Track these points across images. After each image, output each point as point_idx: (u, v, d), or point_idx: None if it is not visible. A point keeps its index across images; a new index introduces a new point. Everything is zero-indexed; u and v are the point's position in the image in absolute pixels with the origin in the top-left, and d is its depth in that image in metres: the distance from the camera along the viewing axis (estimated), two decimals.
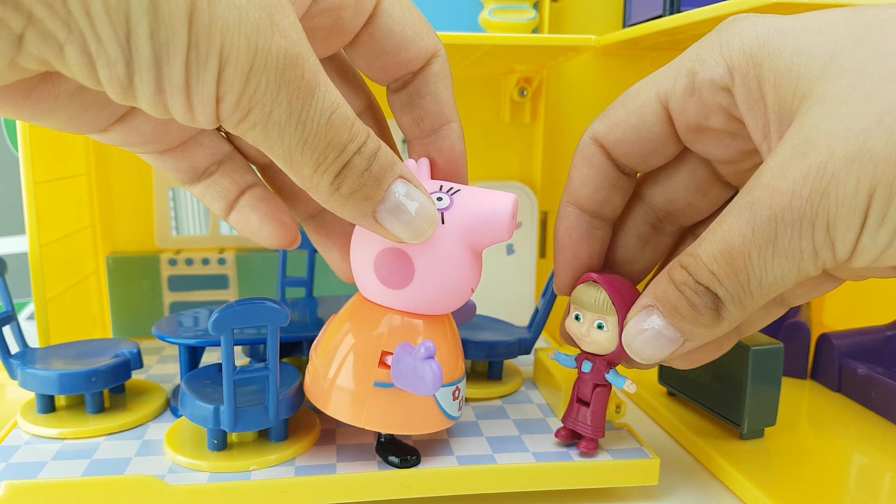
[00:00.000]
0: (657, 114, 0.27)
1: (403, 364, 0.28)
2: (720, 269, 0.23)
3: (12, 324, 0.36)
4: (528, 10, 0.49)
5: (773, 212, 0.21)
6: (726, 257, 0.22)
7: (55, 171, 0.42)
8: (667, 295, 0.25)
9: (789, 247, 0.21)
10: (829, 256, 0.21)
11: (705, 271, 0.23)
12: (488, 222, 0.27)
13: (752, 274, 0.22)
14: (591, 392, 0.31)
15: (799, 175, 0.21)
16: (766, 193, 0.21)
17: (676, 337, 0.25)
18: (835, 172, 0.20)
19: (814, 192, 0.20)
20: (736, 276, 0.23)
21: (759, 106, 0.24)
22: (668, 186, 0.30)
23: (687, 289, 0.24)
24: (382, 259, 0.28)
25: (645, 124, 0.27)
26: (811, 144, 0.21)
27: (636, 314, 0.26)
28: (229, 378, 0.29)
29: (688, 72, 0.25)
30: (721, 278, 0.23)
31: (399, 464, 0.30)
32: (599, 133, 0.28)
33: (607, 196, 0.29)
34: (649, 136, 0.27)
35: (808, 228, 0.21)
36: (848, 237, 0.21)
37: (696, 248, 0.24)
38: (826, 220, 0.21)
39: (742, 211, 0.22)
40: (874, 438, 0.37)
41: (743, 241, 0.22)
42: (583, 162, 0.29)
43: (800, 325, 0.45)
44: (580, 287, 0.30)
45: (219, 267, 0.51)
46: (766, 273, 0.22)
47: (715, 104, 0.25)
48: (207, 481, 0.29)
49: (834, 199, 0.20)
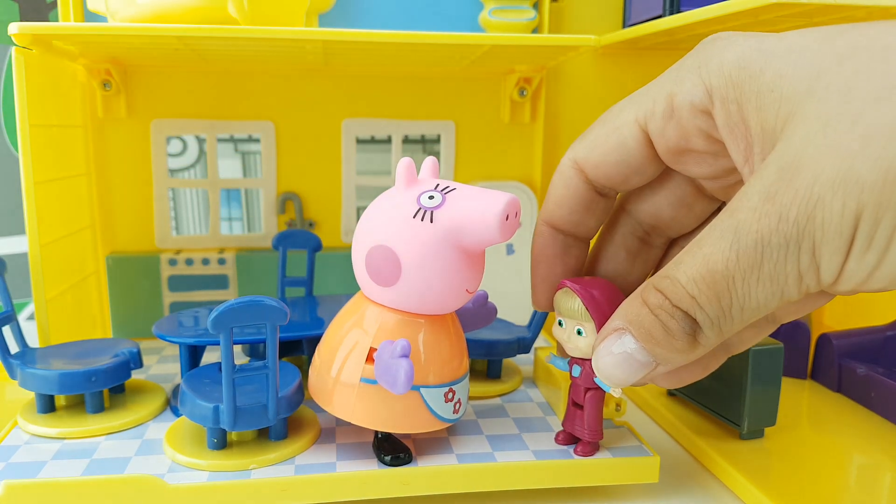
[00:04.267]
0: (636, 137, 0.26)
1: (380, 361, 0.28)
2: (701, 293, 0.22)
3: (12, 324, 0.36)
4: (528, 10, 0.49)
5: (759, 235, 0.21)
6: (708, 281, 0.22)
7: (55, 171, 0.42)
8: (640, 318, 0.24)
9: (774, 271, 0.21)
10: (813, 281, 0.21)
11: (685, 295, 0.22)
12: (476, 222, 0.27)
13: (735, 299, 0.22)
14: (584, 395, 0.31)
15: (787, 198, 0.20)
16: (753, 217, 0.21)
17: (649, 361, 0.24)
18: (821, 195, 0.20)
19: (800, 215, 0.20)
20: (718, 301, 0.22)
21: (739, 128, 0.23)
22: (652, 203, 0.29)
23: (662, 313, 0.23)
24: (372, 255, 0.28)
25: (624, 147, 0.27)
26: (797, 167, 0.20)
27: (606, 337, 0.25)
28: (229, 377, 0.29)
29: (667, 94, 0.25)
30: (702, 303, 0.22)
31: (389, 462, 0.30)
32: (579, 156, 0.28)
33: (581, 218, 0.29)
34: (628, 158, 0.27)
35: (794, 252, 0.21)
36: (834, 261, 0.20)
37: (674, 270, 0.23)
38: (812, 243, 0.20)
39: (725, 234, 0.21)
40: (874, 438, 0.37)
41: (727, 265, 0.21)
42: (560, 183, 0.29)
43: (800, 325, 0.45)
44: (558, 294, 0.30)
45: (219, 267, 0.51)
46: (749, 298, 0.22)
47: (694, 127, 0.25)
48: (207, 480, 0.29)
49: (820, 223, 0.20)
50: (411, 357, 0.28)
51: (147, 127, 0.50)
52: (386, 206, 0.29)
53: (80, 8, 0.45)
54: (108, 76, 0.48)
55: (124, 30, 0.37)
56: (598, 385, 0.31)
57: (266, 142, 0.52)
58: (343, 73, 0.51)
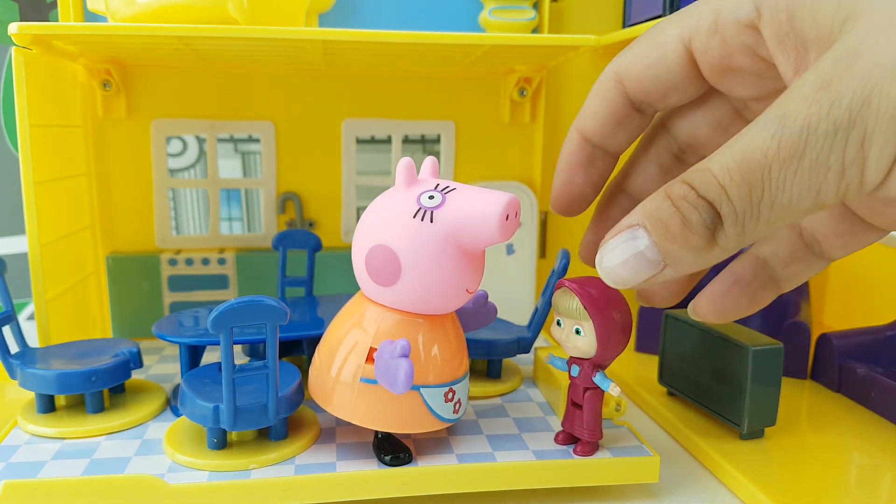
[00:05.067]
0: (678, 53, 0.26)
1: (380, 361, 0.28)
2: (732, 182, 0.20)
3: (12, 324, 0.36)
4: (528, 10, 0.49)
5: (807, 122, 0.19)
6: (742, 170, 0.20)
7: (55, 171, 0.42)
8: (659, 211, 0.22)
9: (816, 162, 0.20)
10: (855, 178, 0.20)
11: (714, 185, 0.21)
12: (476, 222, 0.27)
13: (767, 191, 0.20)
14: (583, 395, 0.31)
15: (842, 85, 0.19)
16: (804, 105, 0.20)
17: (657, 260, 0.23)
18: (880, 80, 0.19)
19: (854, 101, 0.19)
20: (749, 192, 0.20)
21: (789, 39, 0.22)
22: (690, 120, 0.29)
23: (685, 204, 0.21)
24: (372, 255, 0.28)
25: (665, 62, 0.26)
26: (856, 55, 0.19)
27: (618, 233, 0.23)
28: (229, 377, 0.29)
29: (712, 10, 0.24)
30: (731, 193, 0.21)
31: (389, 462, 0.30)
32: (621, 67, 0.27)
33: (613, 131, 0.28)
34: (668, 74, 0.26)
35: (842, 141, 0.19)
36: (884, 154, 0.19)
37: (706, 162, 0.21)
38: (863, 132, 0.19)
39: (769, 124, 0.20)
40: (874, 438, 0.37)
41: (766, 153, 0.20)
42: (597, 93, 0.28)
43: (800, 325, 0.45)
44: (557, 294, 0.30)
45: (219, 267, 0.51)
46: (783, 192, 0.20)
47: (739, 43, 0.24)
48: (207, 480, 0.29)
49: (875, 109, 0.19)
50: (411, 357, 0.28)
51: (147, 127, 0.50)
52: (386, 206, 0.29)
53: (80, 8, 0.45)
54: (108, 76, 0.48)
55: (124, 30, 0.37)
56: (596, 385, 0.31)
57: (266, 142, 0.52)
58: (343, 73, 0.51)
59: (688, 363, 0.39)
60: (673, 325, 0.40)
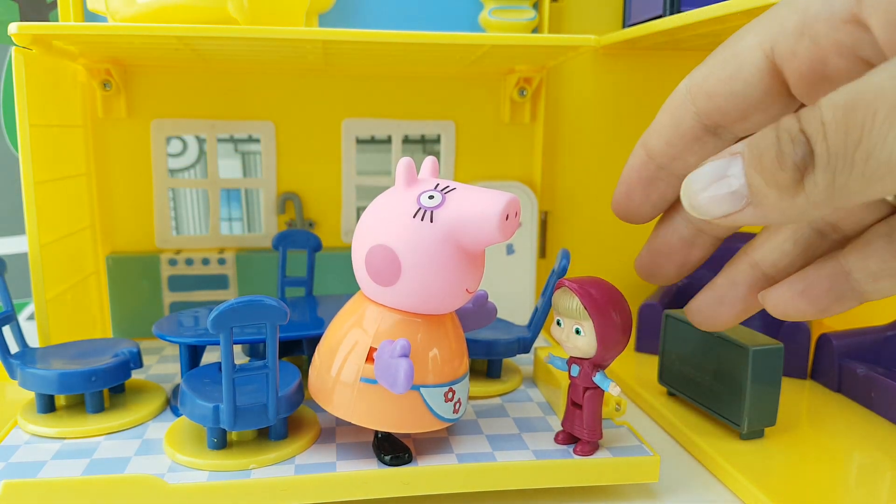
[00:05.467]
0: (758, 64, 0.23)
1: (381, 360, 0.28)
2: (834, 119, 0.19)
3: (12, 324, 0.36)
4: (528, 10, 0.49)
5: None
6: (849, 107, 0.18)
7: (55, 171, 0.42)
8: (761, 138, 0.20)
9: None
10: None
11: (816, 119, 0.19)
12: (476, 222, 0.27)
13: (867, 138, 0.18)
14: (583, 395, 0.31)
15: None
16: None
17: (742, 194, 0.21)
18: None
19: None
20: (846, 133, 0.18)
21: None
22: None
23: (786, 134, 0.20)
24: (372, 255, 0.28)
25: (742, 76, 0.23)
26: None
27: (720, 158, 0.21)
28: (229, 376, 0.29)
29: (799, 8, 0.21)
30: (829, 131, 0.19)
31: (389, 461, 0.30)
32: (694, 82, 0.25)
33: (680, 153, 0.26)
34: (747, 90, 0.23)
35: None
36: None
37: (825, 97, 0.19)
38: None
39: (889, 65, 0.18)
40: (874, 438, 0.37)
41: (876, 93, 0.18)
42: (667, 109, 0.26)
43: (800, 325, 0.45)
44: (557, 293, 0.31)
45: (219, 267, 0.51)
46: (884, 144, 0.18)
47: (834, 43, 0.21)
48: (207, 480, 0.29)
49: None
50: (411, 357, 0.28)
51: (147, 127, 0.50)
52: (386, 206, 0.29)
53: (80, 8, 0.45)
54: (108, 76, 0.48)
55: (124, 30, 0.37)
56: (596, 385, 0.31)
57: (266, 142, 0.52)
58: (343, 73, 0.51)
59: (688, 363, 0.39)
60: (673, 325, 0.40)
